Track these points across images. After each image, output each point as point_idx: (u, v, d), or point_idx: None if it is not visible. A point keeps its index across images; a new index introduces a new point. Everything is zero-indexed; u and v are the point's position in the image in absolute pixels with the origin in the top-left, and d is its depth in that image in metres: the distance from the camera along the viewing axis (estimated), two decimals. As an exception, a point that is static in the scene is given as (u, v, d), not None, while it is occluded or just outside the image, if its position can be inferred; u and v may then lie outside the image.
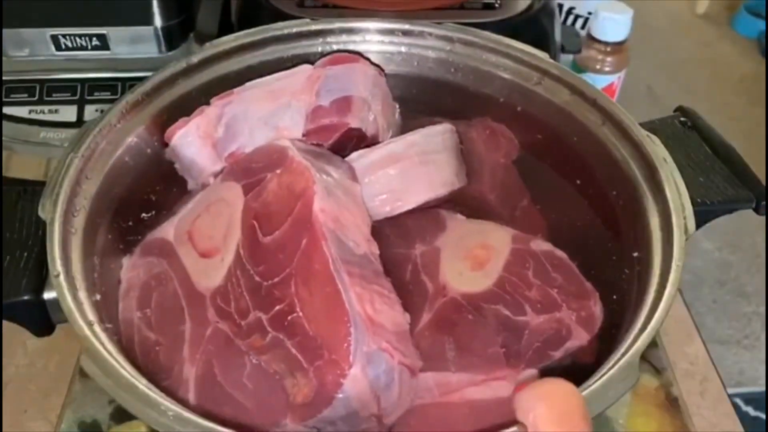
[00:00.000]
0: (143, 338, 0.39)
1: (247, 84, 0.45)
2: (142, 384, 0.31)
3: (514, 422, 0.29)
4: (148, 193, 0.44)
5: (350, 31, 0.51)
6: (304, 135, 0.44)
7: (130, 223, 0.43)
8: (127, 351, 0.39)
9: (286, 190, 0.40)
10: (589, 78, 0.74)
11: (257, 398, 0.36)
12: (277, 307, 0.37)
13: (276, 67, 0.49)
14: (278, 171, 0.41)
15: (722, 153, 0.44)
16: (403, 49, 0.51)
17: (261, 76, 0.46)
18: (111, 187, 0.42)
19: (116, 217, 0.42)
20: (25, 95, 0.63)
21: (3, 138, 0.61)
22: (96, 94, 0.64)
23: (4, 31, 0.62)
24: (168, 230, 0.43)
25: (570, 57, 0.74)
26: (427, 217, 0.45)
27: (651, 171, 0.41)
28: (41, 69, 0.64)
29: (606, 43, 0.72)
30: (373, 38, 0.51)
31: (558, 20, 0.66)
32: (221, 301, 0.39)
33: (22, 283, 0.35)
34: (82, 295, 0.35)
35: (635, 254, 0.41)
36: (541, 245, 0.43)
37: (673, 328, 0.68)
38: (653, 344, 0.65)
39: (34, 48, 0.64)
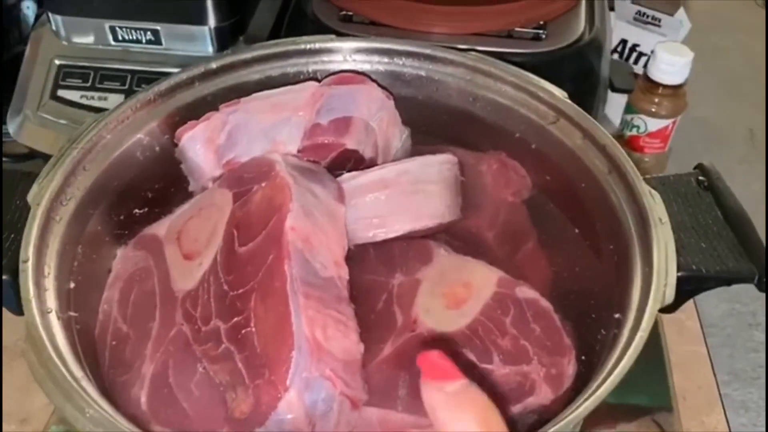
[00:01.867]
0: (116, 329, 0.41)
1: (254, 95, 0.46)
2: (71, 379, 0.32)
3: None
4: (149, 190, 0.46)
5: (373, 51, 0.51)
6: (300, 151, 0.44)
7: (123, 218, 0.44)
8: (100, 339, 0.41)
9: (266, 203, 0.40)
10: (642, 120, 0.71)
11: (199, 406, 0.36)
12: (235, 319, 0.38)
13: (295, 80, 0.49)
14: (263, 184, 0.41)
15: (732, 219, 0.41)
16: (423, 73, 0.51)
17: (279, 87, 0.47)
18: (110, 179, 0.44)
19: (111, 209, 0.44)
20: (79, 80, 0.67)
21: (53, 118, 0.65)
22: (143, 86, 0.66)
23: (67, 18, 0.66)
24: (162, 227, 0.44)
25: (624, 96, 0.71)
26: (414, 246, 0.44)
27: (645, 230, 0.39)
28: (97, 57, 0.67)
29: (662, 86, 0.68)
30: (398, 60, 0.51)
31: (607, 55, 0.64)
32: (190, 304, 0.40)
33: (1, 263, 0.37)
34: (50, 282, 0.37)
35: (616, 316, 0.39)
36: (526, 292, 0.42)
37: (694, 394, 0.64)
38: (666, 408, 0.62)
39: (94, 37, 0.67)
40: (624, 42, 0.77)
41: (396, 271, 0.43)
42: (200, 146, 0.46)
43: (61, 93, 0.66)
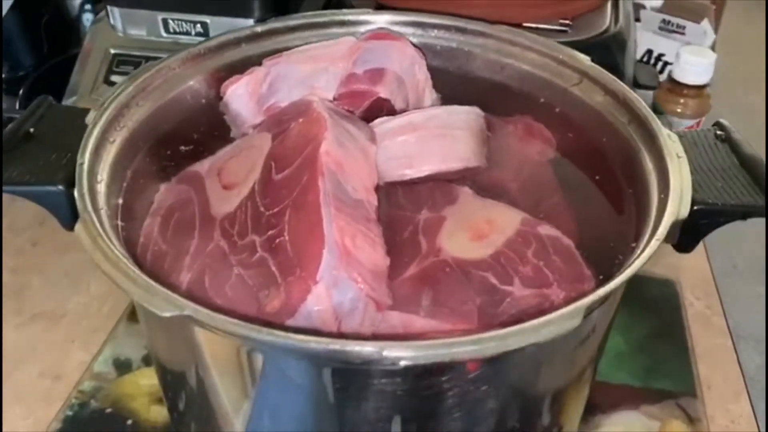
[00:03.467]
0: (155, 249, 0.43)
1: (295, 49, 0.49)
2: (122, 256, 0.34)
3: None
4: (194, 133, 0.49)
5: (407, 23, 0.54)
6: (335, 98, 0.47)
7: (169, 153, 0.47)
8: (139, 260, 0.43)
9: (303, 135, 0.43)
10: (668, 121, 0.73)
11: (233, 305, 0.38)
12: (270, 232, 0.40)
13: (333, 46, 0.53)
14: (300, 120, 0.44)
15: (749, 163, 0.43)
16: (454, 45, 0.54)
17: (318, 50, 0.50)
18: (159, 119, 0.47)
19: (158, 146, 0.47)
20: (132, 67, 0.71)
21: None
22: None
23: (124, 10, 0.71)
24: (203, 165, 0.47)
25: (649, 97, 0.74)
26: (440, 188, 0.46)
27: (662, 165, 0.41)
28: (149, 48, 0.72)
29: (685, 86, 0.71)
30: (430, 32, 0.54)
31: (631, 54, 0.67)
32: (228, 224, 0.42)
33: (58, 175, 0.40)
34: (102, 188, 0.39)
35: (633, 245, 0.40)
36: (548, 230, 0.44)
37: (720, 384, 0.64)
38: (691, 394, 0.62)
39: (147, 29, 0.72)
40: (650, 52, 0.80)
41: (422, 208, 0.45)
42: (243, 97, 0.49)
43: (113, 78, 0.71)
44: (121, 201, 0.42)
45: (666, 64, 0.80)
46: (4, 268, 0.72)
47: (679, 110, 0.72)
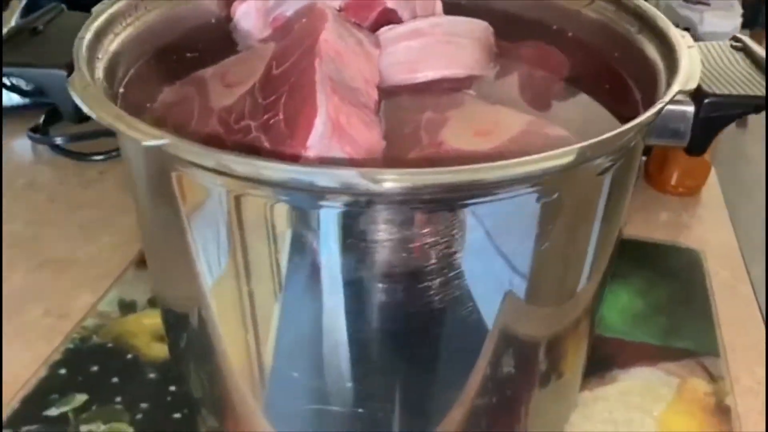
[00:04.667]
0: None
1: (303, -36, 0.49)
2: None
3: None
4: (199, 45, 0.49)
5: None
6: (341, 9, 0.47)
7: (175, 60, 0.47)
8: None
9: (304, 30, 0.43)
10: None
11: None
12: (266, 116, 0.39)
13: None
14: (304, 20, 0.44)
15: (763, 65, 0.41)
16: (466, -25, 0.54)
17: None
18: (166, 28, 0.48)
19: (163, 53, 0.47)
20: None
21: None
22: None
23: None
24: (207, 71, 0.47)
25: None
26: (446, 94, 0.45)
27: (672, 57, 0.40)
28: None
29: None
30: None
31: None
32: (225, 113, 0.42)
33: (62, 61, 0.40)
34: (100, 66, 0.39)
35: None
36: (556, 130, 0.42)
37: (745, 346, 0.61)
38: (714, 354, 0.59)
39: None
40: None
41: (426, 110, 0.44)
42: (252, 14, 0.49)
43: None
44: (122, 90, 0.42)
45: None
46: (19, 220, 0.73)
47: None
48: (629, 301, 0.64)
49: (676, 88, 0.35)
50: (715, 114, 0.39)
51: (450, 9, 0.52)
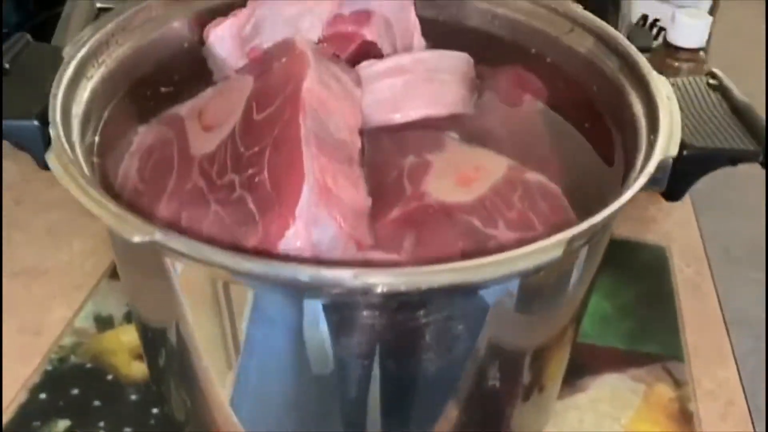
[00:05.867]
0: (132, 188, 0.42)
1: (281, -10, 0.48)
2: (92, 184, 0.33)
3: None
4: (175, 77, 0.48)
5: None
6: (320, 41, 0.46)
7: (149, 94, 0.46)
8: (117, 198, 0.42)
9: (285, 73, 0.42)
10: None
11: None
12: (250, 171, 0.39)
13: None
14: (283, 59, 0.43)
15: (741, 110, 0.42)
16: (446, -7, 0.53)
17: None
18: (140, 59, 0.46)
19: (138, 86, 0.46)
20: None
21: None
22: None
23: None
24: (184, 108, 0.46)
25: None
26: (428, 135, 0.45)
27: (652, 106, 0.40)
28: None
29: (680, 49, 0.70)
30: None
31: (624, 15, 0.66)
32: (207, 163, 0.41)
33: (33, 110, 0.39)
34: (75, 124, 0.38)
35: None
36: (537, 176, 0.43)
37: (707, 348, 0.64)
38: (678, 358, 0.61)
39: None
40: (645, 17, 0.79)
41: (408, 153, 0.44)
42: (227, 40, 0.48)
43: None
44: (97, 139, 0.41)
45: (661, 29, 0.79)
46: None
47: (672, 75, 0.71)
48: (597, 304, 0.66)
49: (659, 155, 0.36)
50: (692, 166, 0.40)
51: (428, 25, 0.52)
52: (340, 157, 0.39)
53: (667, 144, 0.36)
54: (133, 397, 0.56)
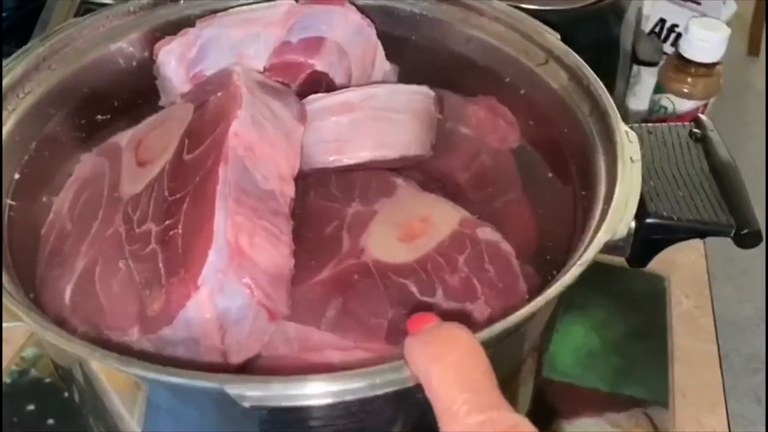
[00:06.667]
0: (61, 227, 0.40)
1: (230, 10, 0.44)
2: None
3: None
4: (117, 100, 0.45)
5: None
6: (266, 69, 0.42)
7: (85, 123, 0.44)
8: (45, 237, 0.40)
9: (218, 111, 0.39)
10: (670, 101, 0.66)
11: (116, 303, 0.35)
12: (167, 222, 0.36)
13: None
14: (219, 94, 0.40)
15: (719, 171, 0.37)
16: (417, 10, 0.49)
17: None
18: (77, 83, 0.43)
19: (75, 113, 0.43)
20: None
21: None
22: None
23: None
24: (125, 137, 0.43)
25: (654, 72, 0.67)
26: (377, 178, 0.42)
27: (614, 168, 0.36)
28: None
29: (694, 63, 0.64)
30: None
31: (630, 24, 0.60)
32: (131, 208, 0.39)
33: None
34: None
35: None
36: (488, 234, 0.39)
37: (697, 392, 0.59)
38: (662, 404, 0.58)
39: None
40: (662, 21, 0.73)
41: (353, 200, 0.41)
42: (174, 61, 0.45)
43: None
44: (17, 176, 0.39)
45: (679, 36, 0.72)
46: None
47: (685, 90, 0.65)
48: (584, 337, 0.62)
49: (602, 238, 0.32)
50: (656, 236, 0.36)
51: (397, 45, 0.48)
52: (263, 211, 0.36)
53: (615, 223, 0.32)
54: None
